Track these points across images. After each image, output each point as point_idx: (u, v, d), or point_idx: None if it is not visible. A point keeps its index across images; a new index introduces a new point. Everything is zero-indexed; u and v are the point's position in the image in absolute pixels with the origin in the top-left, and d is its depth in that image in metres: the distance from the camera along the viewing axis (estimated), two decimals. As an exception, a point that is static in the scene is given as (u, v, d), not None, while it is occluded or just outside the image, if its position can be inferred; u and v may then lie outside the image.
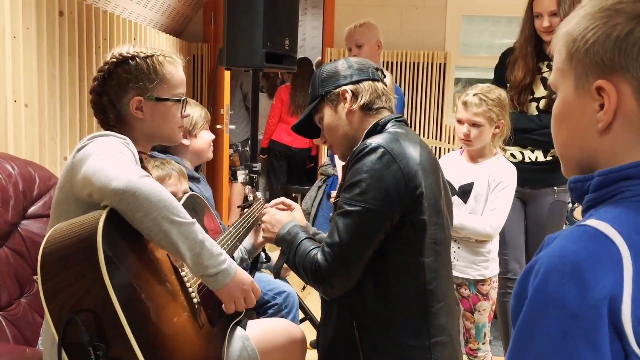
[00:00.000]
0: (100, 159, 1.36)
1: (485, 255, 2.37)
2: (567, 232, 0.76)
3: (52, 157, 2.57)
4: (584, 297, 0.69)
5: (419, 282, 1.53)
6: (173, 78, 1.64)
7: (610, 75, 0.77)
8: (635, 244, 0.72)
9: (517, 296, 0.77)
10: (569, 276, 0.70)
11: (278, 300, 2.41)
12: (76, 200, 1.44)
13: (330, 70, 1.72)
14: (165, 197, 1.31)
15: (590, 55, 0.78)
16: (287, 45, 2.74)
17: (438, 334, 1.54)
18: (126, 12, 3.48)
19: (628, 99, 0.77)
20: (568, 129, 0.84)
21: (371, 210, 1.48)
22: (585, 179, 0.81)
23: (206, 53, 5.08)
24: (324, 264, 1.51)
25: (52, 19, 2.54)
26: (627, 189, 0.77)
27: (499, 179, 2.31)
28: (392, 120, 1.65)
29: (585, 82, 0.80)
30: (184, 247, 1.32)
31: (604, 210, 0.77)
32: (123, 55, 1.60)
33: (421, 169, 1.51)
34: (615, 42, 0.76)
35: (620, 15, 0.76)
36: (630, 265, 0.70)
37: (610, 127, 0.78)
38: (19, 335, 1.81)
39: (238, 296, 1.44)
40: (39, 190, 2.00)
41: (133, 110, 1.59)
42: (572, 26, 0.81)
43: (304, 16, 7.63)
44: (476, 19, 5.37)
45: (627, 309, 0.69)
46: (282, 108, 5.37)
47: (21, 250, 1.89)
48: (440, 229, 1.55)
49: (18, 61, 2.29)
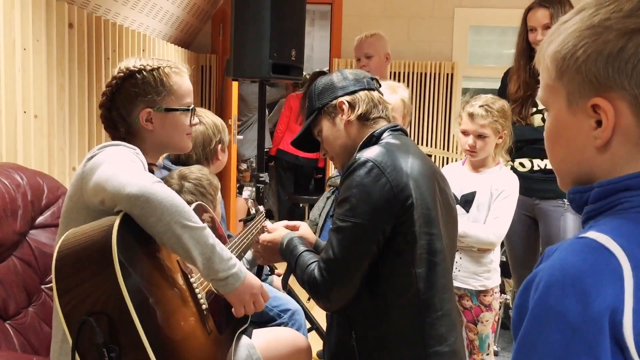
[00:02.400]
0: (112, 166, 1.39)
1: (487, 265, 2.37)
2: (567, 244, 0.75)
3: (61, 167, 2.60)
4: (585, 310, 0.69)
5: (413, 293, 1.53)
6: (180, 88, 1.67)
7: (605, 92, 0.77)
8: (635, 256, 0.72)
9: (517, 309, 0.77)
10: (570, 289, 0.70)
11: (284, 319, 2.39)
12: (86, 209, 1.46)
13: (325, 83, 1.73)
14: (178, 203, 1.34)
15: (583, 73, 0.78)
16: (294, 56, 2.76)
17: (436, 344, 1.54)
18: (135, 24, 3.51)
19: (625, 114, 0.76)
20: (564, 146, 0.84)
21: (362, 225, 1.49)
22: (584, 189, 0.81)
23: (214, 64, 5.11)
24: (321, 280, 1.52)
25: (62, 31, 2.57)
26: (626, 200, 0.77)
27: (501, 187, 2.33)
28: (387, 130, 1.65)
29: (579, 100, 0.79)
30: (196, 252, 1.34)
31: (604, 221, 0.77)
32: (129, 69, 1.63)
33: (412, 180, 1.52)
34: (608, 59, 0.76)
35: (610, 32, 0.76)
36: (631, 278, 0.70)
37: (609, 143, 0.78)
38: (27, 345, 1.82)
39: (247, 300, 1.46)
40: (47, 200, 2.02)
41: (143, 122, 1.62)
42: (559, 44, 0.81)
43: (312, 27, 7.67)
44: (483, 29, 5.38)
45: (628, 322, 0.69)
46: (290, 116, 5.39)
47: (29, 260, 1.90)
48: (435, 239, 1.55)
49: (28, 73, 2.32)
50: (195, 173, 2.03)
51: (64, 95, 2.61)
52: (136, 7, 3.41)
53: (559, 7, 2.59)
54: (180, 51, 4.52)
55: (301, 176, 5.71)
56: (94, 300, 1.24)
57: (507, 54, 4.95)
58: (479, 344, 2.40)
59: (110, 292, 1.22)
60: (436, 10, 5.13)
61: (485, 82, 5.35)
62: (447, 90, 5.09)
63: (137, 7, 3.41)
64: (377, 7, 5.16)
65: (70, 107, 2.67)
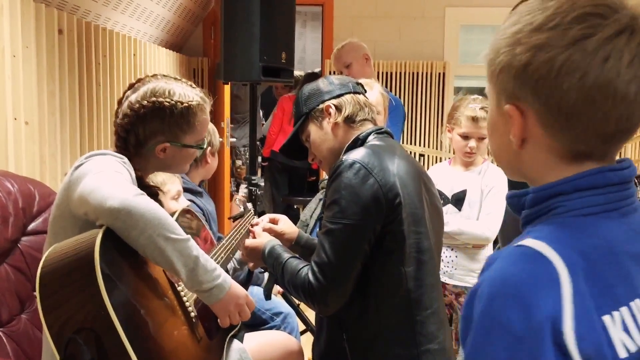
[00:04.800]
0: (96, 178, 1.37)
1: (482, 262, 2.38)
2: (505, 253, 0.76)
3: (52, 173, 2.60)
4: (527, 319, 0.69)
5: (403, 292, 1.54)
6: (202, 126, 1.66)
7: (516, 101, 0.78)
8: (571, 260, 0.72)
9: (464, 319, 0.77)
10: (511, 300, 0.70)
11: (277, 322, 2.40)
12: (73, 218, 1.46)
13: (312, 89, 1.77)
14: (160, 215, 1.33)
15: (500, 80, 0.80)
16: (284, 59, 2.77)
17: (427, 342, 1.55)
18: (126, 28, 3.51)
19: (533, 125, 0.78)
20: (495, 140, 0.87)
21: (353, 226, 1.50)
22: (520, 194, 0.82)
23: (206, 67, 5.11)
24: (316, 284, 1.52)
25: (52, 37, 2.57)
26: (560, 204, 0.77)
27: (491, 184, 2.36)
28: (372, 133, 1.68)
29: (500, 102, 0.81)
30: (179, 264, 1.34)
31: (540, 227, 0.77)
32: (160, 102, 1.58)
33: (398, 179, 1.54)
34: (515, 74, 0.77)
35: (519, 46, 0.76)
36: (569, 284, 0.71)
37: (524, 146, 0.80)
38: (20, 351, 1.82)
39: (232, 310, 1.46)
40: (38, 207, 2.02)
41: (157, 152, 1.62)
42: (491, 45, 0.82)
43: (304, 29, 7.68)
44: (475, 28, 5.40)
45: (569, 329, 0.69)
46: (283, 118, 5.39)
47: (21, 266, 1.90)
48: (423, 238, 1.57)
49: (18, 79, 2.32)
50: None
51: (54, 101, 2.61)
52: (126, 12, 3.41)
53: None
54: (172, 55, 4.52)
55: (295, 178, 5.71)
56: (80, 317, 1.24)
57: (498, 53, 4.96)
58: None
59: (95, 308, 1.22)
60: (427, 10, 5.15)
61: (477, 80, 5.36)
62: (439, 89, 5.11)
63: (127, 12, 3.41)
64: (368, 8, 5.17)
65: (61, 113, 2.67)
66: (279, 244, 1.72)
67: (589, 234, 0.76)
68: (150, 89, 1.60)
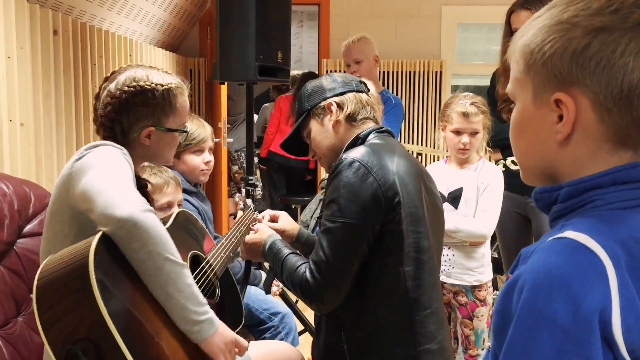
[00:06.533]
0: (102, 178, 1.37)
1: (480, 260, 2.39)
2: (546, 245, 0.75)
3: (48, 175, 2.58)
4: (575, 311, 0.68)
5: (401, 291, 1.54)
6: (183, 109, 1.68)
7: (568, 88, 0.78)
8: (614, 253, 0.72)
9: (499, 313, 0.76)
10: (557, 291, 0.70)
11: (274, 322, 2.39)
12: (72, 211, 1.45)
13: (315, 86, 1.78)
14: (163, 234, 1.33)
15: (548, 67, 0.79)
16: (280, 58, 2.76)
17: (425, 341, 1.55)
18: (121, 29, 3.50)
19: (586, 111, 0.77)
20: (527, 139, 0.85)
21: (352, 225, 1.50)
22: (552, 189, 0.82)
23: (203, 67, 5.11)
24: (313, 282, 1.52)
25: (47, 38, 2.56)
26: (598, 197, 0.77)
27: (487, 181, 2.37)
28: (373, 132, 1.68)
29: (543, 94, 0.80)
30: (174, 287, 1.32)
31: (577, 220, 0.77)
32: (141, 85, 1.60)
33: (398, 178, 1.53)
34: (572, 56, 0.77)
35: (577, 29, 0.77)
36: (614, 276, 0.71)
37: (569, 138, 0.79)
38: (16, 354, 1.81)
39: (224, 349, 1.41)
40: (34, 208, 2.01)
41: (142, 138, 1.62)
42: (529, 37, 0.82)
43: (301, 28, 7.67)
44: (471, 26, 5.40)
45: (617, 320, 0.69)
46: (280, 118, 5.39)
47: (17, 269, 1.89)
48: (423, 237, 1.57)
49: (13, 81, 2.31)
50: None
51: (50, 102, 2.60)
52: (122, 12, 3.39)
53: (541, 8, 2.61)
54: (168, 55, 4.51)
55: (293, 177, 5.70)
56: (78, 328, 1.23)
57: (495, 51, 4.95)
58: (475, 339, 2.42)
59: (92, 318, 1.21)
60: (423, 8, 5.15)
61: (474, 79, 5.36)
62: (436, 88, 5.11)
63: (122, 12, 3.40)
64: (365, 7, 5.16)
65: (56, 115, 2.66)
66: (280, 240, 1.73)
67: (627, 226, 0.76)
68: (129, 76, 1.62)
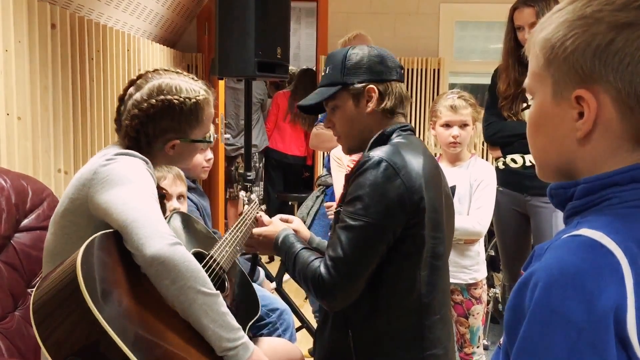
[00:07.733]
0: (131, 206, 1.36)
1: (475, 258, 2.40)
2: (561, 242, 0.74)
3: (46, 169, 2.57)
4: (589, 309, 0.67)
5: (415, 296, 1.52)
6: (208, 120, 1.66)
7: (590, 84, 0.76)
8: (630, 252, 0.71)
9: (512, 310, 0.75)
10: (571, 289, 0.69)
11: (272, 319, 2.38)
12: (88, 217, 1.46)
13: (358, 60, 1.61)
14: (193, 267, 1.33)
15: (570, 63, 0.77)
16: (279, 54, 2.76)
17: (432, 346, 1.54)
18: (119, 23, 3.49)
19: (607, 108, 0.76)
20: (545, 135, 0.83)
21: (374, 225, 1.46)
22: (568, 185, 0.80)
23: (200, 63, 5.09)
24: (328, 278, 1.48)
25: (44, 32, 2.54)
26: (615, 195, 0.76)
27: (480, 178, 2.37)
28: (397, 129, 1.61)
29: (564, 90, 0.79)
30: (207, 318, 1.34)
31: (593, 218, 0.76)
32: (169, 100, 1.56)
33: (424, 181, 1.50)
34: (595, 51, 0.75)
35: (600, 24, 0.75)
36: (630, 275, 0.70)
37: (589, 136, 0.77)
38: (13, 348, 1.80)
39: None
40: (32, 203, 2.00)
41: (167, 149, 1.61)
42: (550, 32, 0.80)
43: (299, 24, 7.66)
44: (469, 24, 5.39)
45: (632, 319, 0.68)
46: (277, 114, 5.38)
47: (14, 263, 1.89)
48: (439, 243, 1.54)
49: (10, 74, 2.30)
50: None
51: (47, 96, 2.59)
52: (120, 7, 3.38)
53: (544, 5, 2.61)
54: (166, 50, 4.49)
55: (290, 174, 5.70)
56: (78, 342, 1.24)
57: (493, 49, 4.96)
58: (470, 336, 2.42)
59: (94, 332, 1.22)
60: (421, 6, 5.14)
61: (472, 77, 5.36)
62: (434, 86, 5.10)
63: (120, 7, 3.39)
64: (363, 4, 5.15)
65: (54, 109, 2.64)
66: (293, 234, 1.68)
67: None
68: (156, 86, 1.57)
